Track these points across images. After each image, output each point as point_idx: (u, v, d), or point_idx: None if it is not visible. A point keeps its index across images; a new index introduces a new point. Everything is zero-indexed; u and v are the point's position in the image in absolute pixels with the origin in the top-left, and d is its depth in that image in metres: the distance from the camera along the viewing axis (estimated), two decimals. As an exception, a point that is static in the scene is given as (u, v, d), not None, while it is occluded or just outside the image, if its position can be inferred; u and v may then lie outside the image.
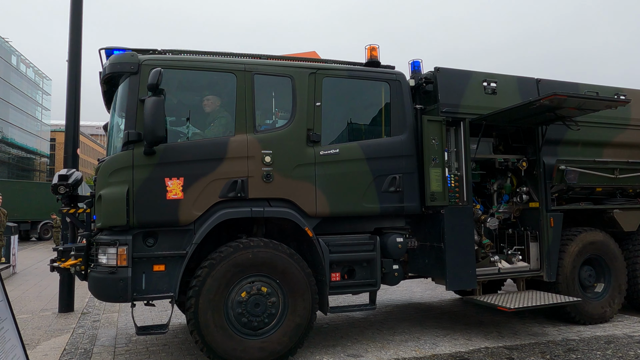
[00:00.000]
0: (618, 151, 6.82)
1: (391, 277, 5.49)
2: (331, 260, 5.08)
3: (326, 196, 5.12)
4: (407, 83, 5.75)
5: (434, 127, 5.64)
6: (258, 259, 4.74)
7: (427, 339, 5.73)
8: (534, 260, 6.23)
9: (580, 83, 6.70)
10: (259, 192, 4.88)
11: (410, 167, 5.54)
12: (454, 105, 5.78)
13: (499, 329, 6.19)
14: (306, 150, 5.09)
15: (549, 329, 6.18)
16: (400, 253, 5.46)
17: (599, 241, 6.48)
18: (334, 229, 5.33)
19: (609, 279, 6.57)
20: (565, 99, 4.94)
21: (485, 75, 6.06)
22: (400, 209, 5.45)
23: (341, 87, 5.49)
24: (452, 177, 5.77)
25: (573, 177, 6.25)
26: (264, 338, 4.73)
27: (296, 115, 5.11)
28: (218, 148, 4.80)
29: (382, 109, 5.65)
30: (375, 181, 5.34)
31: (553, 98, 4.88)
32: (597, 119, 6.60)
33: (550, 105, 5.19)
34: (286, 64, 5.26)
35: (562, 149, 6.47)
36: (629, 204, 6.81)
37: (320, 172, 5.12)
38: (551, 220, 6.18)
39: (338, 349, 5.41)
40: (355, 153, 5.30)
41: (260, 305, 4.73)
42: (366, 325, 6.51)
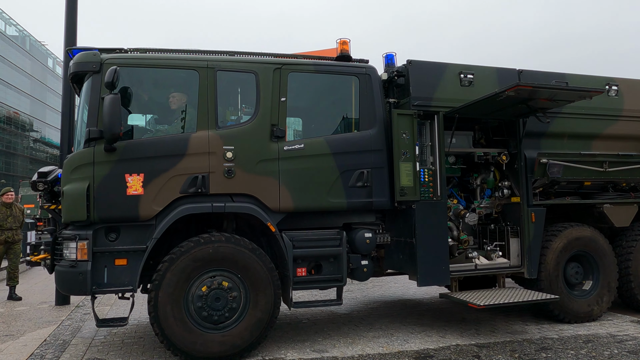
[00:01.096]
0: (609, 144, 6.56)
1: (360, 273, 5.46)
2: (295, 256, 5.08)
3: (290, 191, 5.12)
4: (378, 77, 5.68)
5: (405, 120, 5.55)
6: (219, 253, 4.79)
7: (400, 335, 5.66)
8: (514, 256, 6.07)
9: (567, 73, 6.47)
10: (220, 188, 4.93)
11: (380, 162, 5.47)
12: (426, 99, 5.67)
13: (478, 326, 6.07)
14: (270, 146, 5.10)
15: (531, 327, 6.01)
16: (369, 249, 5.42)
17: (586, 237, 6.25)
18: (301, 224, 5.33)
19: (597, 276, 6.33)
20: (529, 90, 4.78)
21: (462, 67, 5.92)
22: (368, 204, 5.40)
23: (308, 82, 5.48)
24: (426, 171, 5.67)
25: (557, 170, 6.05)
26: (225, 332, 4.78)
27: (260, 111, 5.13)
28: (179, 144, 4.86)
29: (351, 103, 5.60)
30: (342, 176, 5.30)
31: (517, 89, 4.73)
32: (586, 110, 6.38)
33: (518, 97, 5.04)
34: (250, 59, 5.27)
35: (546, 141, 6.27)
36: (621, 198, 6.54)
37: (284, 168, 5.12)
38: (532, 215, 6.00)
39: (307, 344, 5.42)
40: (320, 148, 5.27)
41: (221, 299, 4.78)
42: (346, 321, 6.49)
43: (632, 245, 6.57)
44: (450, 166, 6.17)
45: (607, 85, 6.60)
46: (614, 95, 6.61)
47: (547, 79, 6.20)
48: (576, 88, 5.14)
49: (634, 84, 6.78)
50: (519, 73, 6.18)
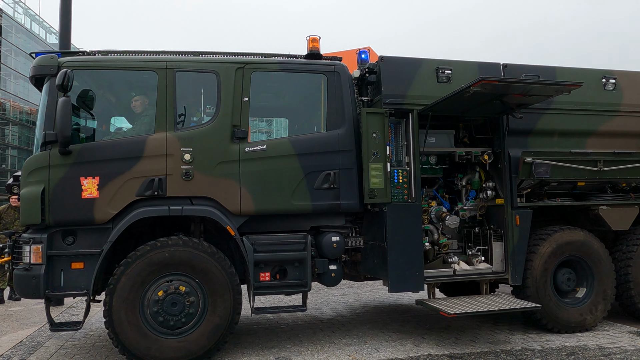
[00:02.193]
0: (606, 141, 6.13)
1: (328, 278, 5.28)
2: (257, 260, 4.94)
3: (251, 194, 4.98)
4: (349, 75, 5.47)
5: (375, 119, 5.32)
6: (175, 258, 4.70)
7: (373, 343, 5.43)
8: (497, 261, 5.73)
9: (559, 67, 6.08)
10: (178, 191, 4.84)
11: (349, 163, 5.27)
12: (399, 96, 5.42)
13: (460, 335, 5.76)
14: (230, 147, 4.98)
15: (516, 336, 5.66)
16: (336, 253, 5.23)
17: (578, 241, 5.84)
18: (266, 227, 5.19)
19: (591, 283, 5.91)
20: (496, 85, 4.48)
21: (439, 62, 5.64)
22: (335, 206, 5.21)
23: (273, 81, 5.34)
24: (400, 172, 5.43)
25: (544, 170, 5.67)
26: (181, 338, 4.69)
27: (220, 112, 5.01)
28: (135, 146, 4.80)
29: (318, 103, 5.42)
30: (307, 178, 5.13)
31: (481, 84, 4.43)
32: (578, 105, 5.99)
33: (491, 93, 4.73)
34: (212, 59, 5.17)
35: (533, 139, 5.91)
36: (620, 199, 6.10)
37: (246, 170, 4.99)
38: (517, 218, 5.65)
39: (274, 350, 5.26)
40: (284, 149, 5.12)
41: (178, 304, 4.69)
42: (325, 326, 6.30)
43: (632, 250, 6.10)
44: (431, 167, 5.89)
45: (604, 79, 6.17)
46: (612, 89, 6.17)
47: (535, 73, 5.84)
48: (548, 82, 4.79)
49: (635, 77, 6.31)
50: (504, 67, 5.85)
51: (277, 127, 5.74)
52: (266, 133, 6.96)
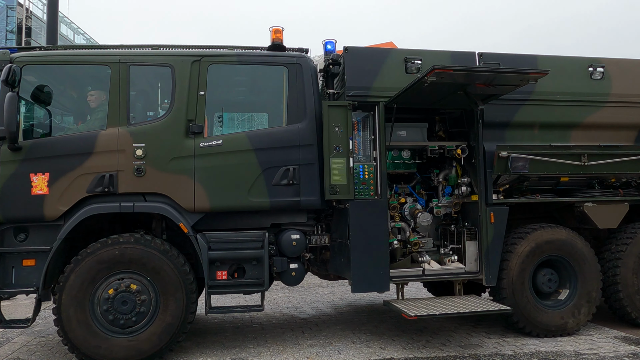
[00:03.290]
0: (593, 134, 5.77)
1: (288, 277, 5.11)
2: (212, 258, 4.81)
3: (206, 190, 4.85)
4: (311, 67, 5.27)
5: (338, 113, 5.11)
6: (126, 255, 4.62)
7: (338, 345, 5.24)
8: (471, 261, 5.44)
9: (540, 55, 5.74)
10: (130, 187, 4.74)
11: (310, 158, 5.08)
12: (364, 88, 5.20)
13: (433, 337, 5.51)
14: (185, 143, 4.86)
15: (491, 340, 5.38)
16: (296, 251, 5.06)
17: (560, 240, 5.50)
18: (225, 225, 5.05)
19: (574, 284, 5.56)
20: (451, 74, 4.21)
21: (408, 52, 5.38)
22: (295, 203, 5.02)
23: (232, 74, 5.19)
24: (366, 167, 5.21)
25: (522, 165, 5.36)
26: (132, 337, 4.60)
27: (174, 106, 4.89)
28: (86, 142, 4.73)
29: (279, 96, 5.24)
30: (265, 174, 4.96)
31: (435, 73, 4.18)
32: (561, 96, 5.67)
33: (448, 83, 4.47)
34: (167, 52, 5.05)
35: (512, 132, 5.59)
36: (607, 195, 5.72)
37: (200, 165, 4.86)
38: (491, 215, 5.36)
39: (234, 350, 5.13)
40: (241, 144, 4.96)
41: (129, 302, 4.60)
42: (297, 326, 6.13)
43: (621, 250, 5.72)
44: (404, 162, 5.64)
45: (591, 67, 5.79)
46: (599, 78, 5.79)
47: (513, 62, 5.53)
48: (508, 70, 4.47)
49: (625, 65, 5.91)
50: (479, 56, 5.54)
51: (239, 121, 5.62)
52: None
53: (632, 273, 5.65)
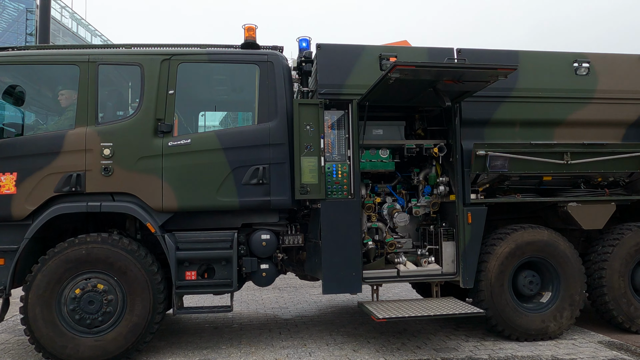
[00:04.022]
0: (578, 131, 5.58)
1: (259, 278, 5.06)
2: (180, 258, 4.78)
3: (174, 190, 4.82)
4: (284, 65, 5.20)
5: (309, 111, 5.03)
6: (92, 255, 4.61)
7: (311, 347, 5.16)
8: (448, 262, 5.32)
9: (522, 51, 5.57)
10: (98, 186, 4.74)
11: (280, 157, 5.01)
12: (337, 86, 5.11)
13: (410, 339, 5.39)
14: (153, 142, 4.83)
15: (468, 344, 5.24)
16: (266, 251, 5.00)
17: (541, 241, 5.33)
18: (195, 225, 5.02)
19: (557, 287, 5.39)
20: (414, 70, 4.09)
21: (384, 48, 5.27)
22: (265, 203, 4.96)
23: (202, 73, 5.15)
24: (339, 167, 5.12)
25: (501, 164, 5.21)
26: (98, 337, 4.59)
27: (143, 105, 4.86)
28: (54, 142, 4.73)
29: (250, 94, 5.18)
30: (234, 173, 4.91)
31: (401, 69, 4.06)
32: (544, 93, 5.52)
33: (414, 79, 4.35)
34: (137, 51, 5.02)
35: (491, 130, 5.44)
36: (592, 195, 5.53)
37: (168, 165, 4.83)
38: (469, 215, 5.22)
39: (205, 352, 5.09)
40: (210, 143, 4.91)
41: (95, 302, 4.59)
42: (275, 327, 6.07)
43: (607, 252, 5.53)
44: (381, 161, 5.52)
45: (576, 63, 5.61)
46: (585, 73, 5.61)
47: (494, 58, 5.38)
48: (474, 65, 4.32)
49: (612, 60, 5.71)
50: (458, 52, 5.41)
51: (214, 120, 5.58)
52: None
53: (618, 275, 5.46)
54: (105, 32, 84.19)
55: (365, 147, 5.39)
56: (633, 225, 5.63)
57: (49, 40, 8.48)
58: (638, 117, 5.66)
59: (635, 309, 5.47)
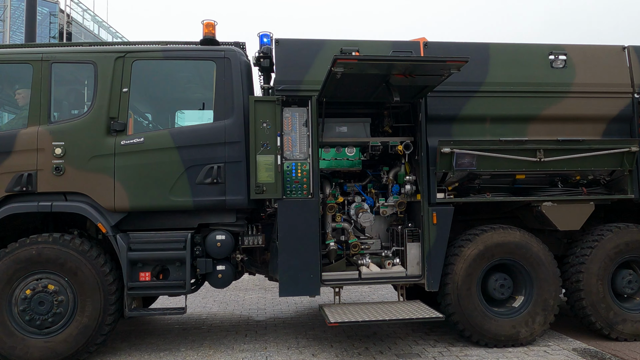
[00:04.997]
0: (554, 126, 5.31)
1: (214, 279, 4.94)
2: (132, 259, 4.69)
3: (126, 189, 4.73)
4: (242, 61, 5.06)
5: (266, 108, 4.90)
6: (43, 255, 4.56)
7: (272, 350, 5.03)
8: (413, 264, 5.11)
9: (494, 43, 5.33)
10: (50, 186, 4.68)
11: (236, 156, 4.88)
12: (295, 82, 4.95)
13: (376, 343, 5.20)
14: (105, 141, 4.76)
15: (434, 349, 5.01)
16: (221, 252, 4.88)
17: (512, 243, 5.08)
18: (151, 225, 4.93)
19: (530, 291, 5.13)
20: (356, 64, 3.90)
21: (345, 43, 5.08)
22: (220, 202, 4.84)
23: (158, 70, 5.04)
24: (299, 165, 4.97)
25: (469, 162, 4.99)
26: (49, 338, 4.54)
27: (96, 104, 4.79)
28: (5, 141, 4.69)
29: (206, 91, 5.06)
30: (188, 172, 4.80)
31: (344, 63, 3.89)
32: (516, 87, 5.25)
33: (363, 74, 4.16)
34: (91, 49, 4.96)
35: (460, 127, 5.21)
36: (569, 194, 5.25)
37: (121, 164, 4.75)
38: (434, 215, 5.01)
39: (162, 354, 5.01)
40: (163, 141, 4.82)
41: (46, 303, 4.54)
42: (244, 329, 5.95)
43: (585, 254, 5.23)
44: (347, 159, 5.35)
45: (552, 55, 5.33)
46: (561, 66, 5.32)
47: (462, 51, 5.14)
48: (421, 59, 4.11)
49: (591, 52, 5.41)
50: (424, 46, 5.19)
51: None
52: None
53: (596, 279, 5.17)
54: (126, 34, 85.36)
55: (331, 145, 5.24)
56: (614, 226, 5.33)
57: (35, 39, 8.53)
58: (620, 112, 5.35)
59: (615, 314, 5.17)
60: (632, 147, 5.14)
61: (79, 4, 44.52)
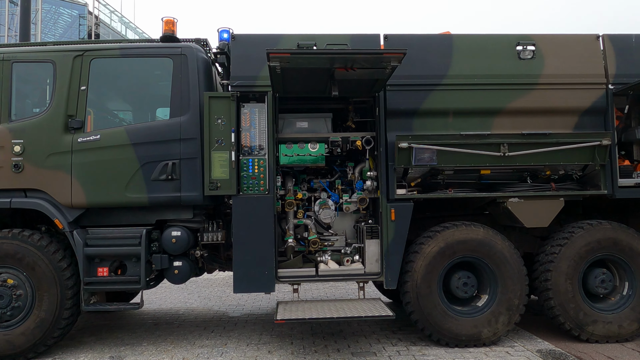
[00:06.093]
0: (522, 120, 5.12)
1: (171, 275, 4.97)
2: (89, 254, 4.77)
3: (83, 186, 4.80)
4: (200, 57, 5.06)
5: (221, 104, 4.88)
6: (2, 250, 4.69)
7: (230, 347, 5.03)
8: (372, 261, 5.02)
9: (458, 35, 5.17)
10: (9, 183, 4.80)
11: (192, 152, 4.89)
12: (250, 78, 4.93)
13: (337, 341, 5.14)
14: (63, 138, 4.84)
15: (393, 348, 4.92)
16: (177, 249, 4.90)
17: (475, 240, 4.93)
18: (110, 221, 4.99)
19: (494, 289, 4.97)
20: (289, 57, 3.83)
21: (302, 37, 5.03)
22: (175, 199, 4.86)
23: (116, 68, 5.08)
24: (256, 161, 4.95)
25: (429, 157, 4.86)
26: (7, 331, 4.66)
27: (54, 102, 4.88)
28: None
29: (163, 88, 5.07)
30: (143, 169, 4.84)
31: (280, 57, 3.83)
32: (480, 79, 5.09)
33: (304, 68, 4.09)
34: (50, 49, 5.04)
35: (421, 121, 5.08)
36: (536, 190, 5.06)
37: (78, 161, 4.82)
38: (392, 212, 4.91)
39: (122, 348, 5.08)
40: (119, 139, 4.86)
41: (4, 297, 4.66)
42: (213, 325, 5.98)
43: (554, 252, 5.04)
44: (309, 154, 5.29)
45: (519, 46, 5.14)
46: (530, 57, 5.13)
47: (423, 44, 5.03)
48: (355, 52, 3.99)
49: (563, 41, 5.19)
50: (385, 38, 5.08)
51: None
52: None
53: (565, 278, 4.97)
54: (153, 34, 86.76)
55: (294, 141, 5.19)
56: (586, 223, 5.11)
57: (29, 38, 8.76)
58: (592, 104, 5.12)
59: (585, 315, 4.96)
60: (604, 140, 4.91)
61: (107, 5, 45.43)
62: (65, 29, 40.42)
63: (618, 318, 5.00)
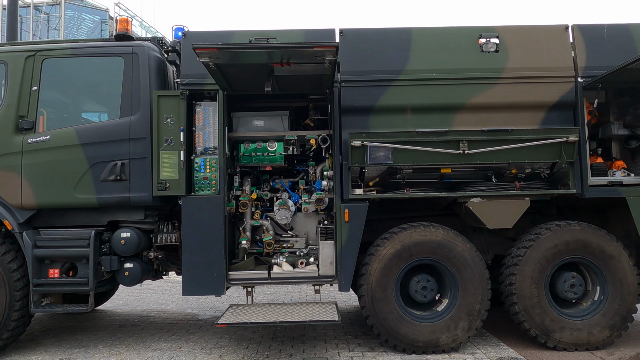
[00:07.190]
0: (485, 116, 4.87)
1: (122, 277, 4.90)
2: (38, 255, 4.73)
3: (32, 187, 4.77)
4: (151, 56, 4.97)
5: (170, 103, 4.79)
6: (-48, 252, 4.68)
7: (184, 350, 4.93)
8: (326, 264, 4.86)
9: (417, 28, 4.97)
10: (-41, 184, 4.79)
11: (140, 152, 4.81)
12: (200, 76, 4.81)
13: (293, 346, 4.99)
14: (13, 139, 4.81)
15: (348, 354, 4.73)
16: (126, 250, 4.82)
17: (433, 242, 4.71)
18: (62, 222, 4.95)
19: (454, 294, 4.75)
20: (217, 53, 3.70)
21: (255, 33, 4.88)
22: (124, 200, 4.79)
23: (68, 68, 5.03)
24: (208, 161, 4.84)
25: (384, 155, 4.68)
26: (-42, 332, 4.66)
27: (5, 102, 4.86)
28: None
29: (114, 88, 4.99)
30: (92, 169, 4.78)
31: (207, 53, 3.70)
32: (439, 74, 4.87)
33: (237, 64, 3.95)
34: (2, 49, 5.02)
35: (377, 118, 4.88)
36: (500, 189, 4.82)
37: (28, 162, 4.79)
38: (346, 212, 4.73)
39: (77, 350, 5.03)
40: (68, 139, 4.81)
41: (-47, 298, 4.66)
42: (177, 327, 5.90)
43: (519, 255, 4.78)
44: (268, 154, 5.16)
45: (482, 38, 4.90)
46: (493, 50, 4.89)
47: (379, 38, 4.85)
48: (281, 45, 3.81)
49: (528, 33, 4.93)
50: (340, 33, 4.91)
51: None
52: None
53: (530, 282, 4.71)
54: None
55: (252, 140, 5.07)
56: (553, 224, 4.84)
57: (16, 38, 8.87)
58: (560, 98, 4.85)
59: (551, 321, 4.70)
60: (570, 136, 4.65)
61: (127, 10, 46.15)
62: (88, 35, 41.19)
63: (588, 325, 4.72)
